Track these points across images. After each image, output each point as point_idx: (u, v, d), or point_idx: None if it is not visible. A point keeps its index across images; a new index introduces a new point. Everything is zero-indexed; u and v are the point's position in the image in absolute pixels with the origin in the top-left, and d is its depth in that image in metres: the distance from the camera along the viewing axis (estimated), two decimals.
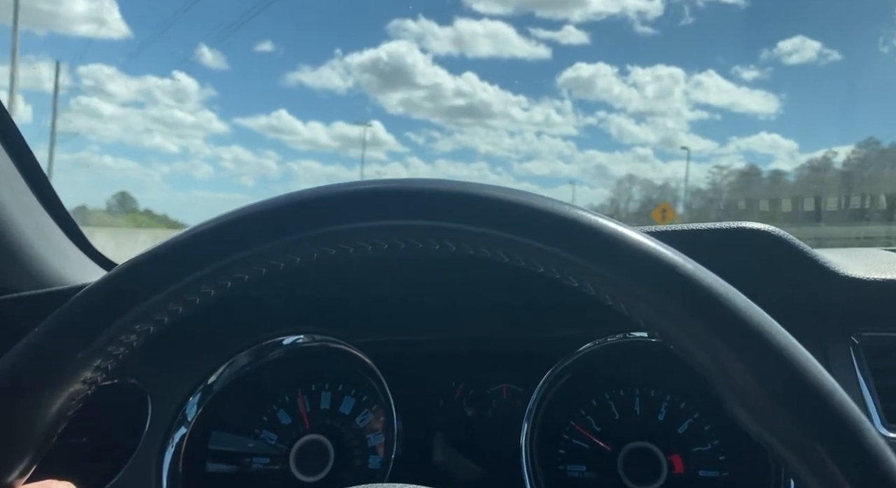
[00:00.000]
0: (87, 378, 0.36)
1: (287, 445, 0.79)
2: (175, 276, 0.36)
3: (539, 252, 0.36)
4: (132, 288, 0.36)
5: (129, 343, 0.37)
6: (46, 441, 0.37)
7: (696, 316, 0.34)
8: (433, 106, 48.13)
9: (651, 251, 0.35)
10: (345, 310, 0.78)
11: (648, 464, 0.73)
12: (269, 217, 0.38)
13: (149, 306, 0.36)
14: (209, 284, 0.36)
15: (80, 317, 0.36)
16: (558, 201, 0.37)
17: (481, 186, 0.37)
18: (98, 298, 0.36)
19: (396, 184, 0.38)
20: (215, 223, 0.38)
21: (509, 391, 0.79)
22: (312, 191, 0.39)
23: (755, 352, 0.33)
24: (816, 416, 0.32)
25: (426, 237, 0.37)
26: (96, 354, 0.36)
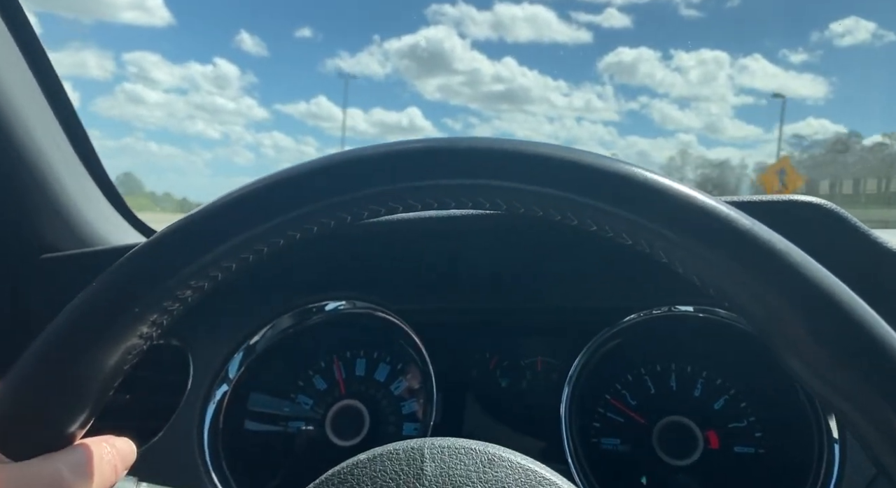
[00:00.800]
0: (143, 332, 0.37)
1: (323, 410, 0.80)
2: (231, 233, 0.36)
3: (605, 214, 0.36)
4: (189, 243, 0.36)
5: (184, 298, 0.37)
6: (104, 394, 0.38)
7: (753, 269, 0.33)
8: (471, 92, 47.83)
9: (707, 206, 0.34)
10: (386, 277, 0.79)
11: (684, 439, 0.73)
12: (331, 173, 0.38)
13: (204, 262, 0.36)
14: (263, 242, 0.37)
15: (138, 272, 0.36)
16: (623, 162, 0.36)
17: (556, 147, 0.37)
18: (155, 253, 0.37)
19: (466, 144, 0.38)
20: (273, 179, 0.38)
21: (544, 363, 0.79)
22: (371, 148, 0.39)
23: (814, 307, 0.32)
24: (880, 371, 0.31)
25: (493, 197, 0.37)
26: (152, 308, 0.36)
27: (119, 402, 0.78)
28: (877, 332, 0.32)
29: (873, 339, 0.32)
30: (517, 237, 0.71)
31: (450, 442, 0.38)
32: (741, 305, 0.35)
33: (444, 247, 0.74)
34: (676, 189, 0.35)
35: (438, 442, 0.38)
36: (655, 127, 55.30)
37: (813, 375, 0.33)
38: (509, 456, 0.38)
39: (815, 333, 0.32)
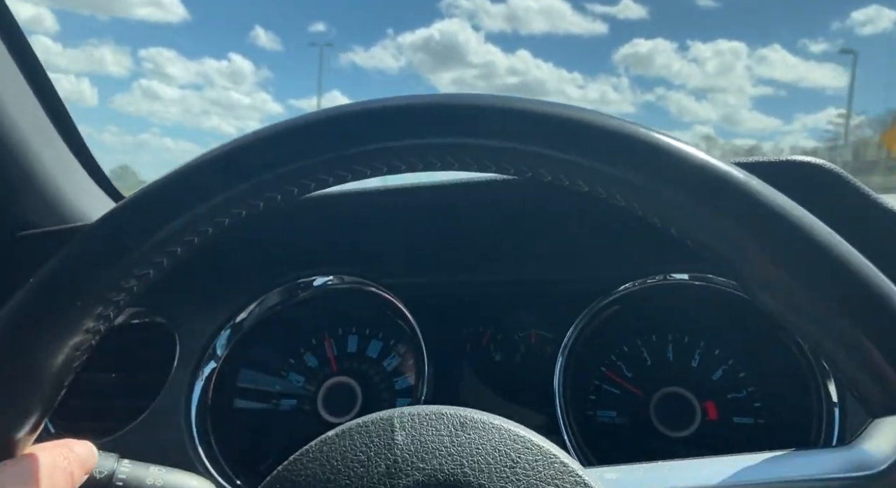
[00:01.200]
0: (89, 327, 0.34)
1: (315, 387, 0.79)
2: (168, 217, 0.34)
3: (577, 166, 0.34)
4: (125, 230, 0.34)
5: (129, 288, 0.34)
6: (53, 396, 0.35)
7: (715, 201, 0.32)
8: (486, 84, 47.51)
9: (680, 149, 0.33)
10: (375, 251, 0.77)
11: (681, 410, 0.72)
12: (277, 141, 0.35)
13: (145, 250, 0.34)
14: (206, 223, 0.34)
15: (75, 263, 0.34)
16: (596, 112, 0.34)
17: (512, 99, 0.35)
18: (91, 243, 0.34)
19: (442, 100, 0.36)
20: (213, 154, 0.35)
21: (537, 337, 0.78)
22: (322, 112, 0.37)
23: (774, 232, 0.32)
24: (845, 291, 0.31)
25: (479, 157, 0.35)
26: (96, 302, 0.34)
27: (104, 381, 0.76)
28: (838, 254, 0.31)
29: (838, 262, 0.31)
30: (508, 209, 0.69)
31: (420, 409, 0.36)
32: (707, 244, 0.33)
33: (433, 220, 0.72)
34: (642, 133, 0.34)
35: (409, 410, 0.36)
36: (672, 119, 54.97)
37: (783, 305, 0.32)
38: (481, 417, 0.36)
39: (781, 262, 0.32)
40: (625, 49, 58.77)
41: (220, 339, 0.74)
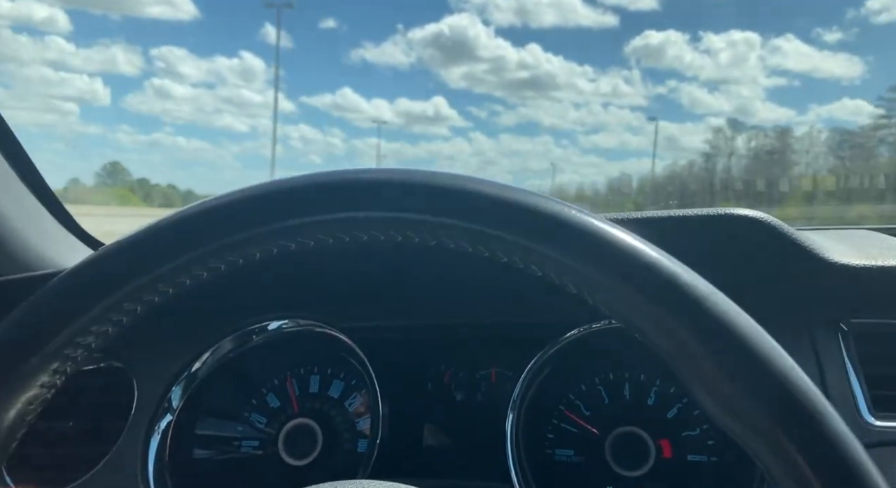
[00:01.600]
0: (44, 382, 0.35)
1: (276, 429, 0.79)
2: (127, 277, 0.35)
3: (499, 241, 0.35)
4: (85, 289, 0.35)
5: (86, 344, 0.35)
6: (5, 448, 0.36)
7: (658, 303, 0.33)
8: (496, 79, 46.99)
9: (611, 237, 0.34)
10: (330, 294, 0.77)
11: (636, 449, 0.73)
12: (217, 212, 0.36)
13: (103, 308, 0.35)
14: (166, 284, 0.35)
15: (33, 320, 0.35)
16: (525, 191, 0.36)
17: (429, 174, 0.36)
18: (50, 301, 0.35)
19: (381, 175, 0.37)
20: (168, 221, 0.36)
21: (498, 375, 0.79)
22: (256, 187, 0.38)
23: (717, 340, 0.32)
24: (779, 404, 0.31)
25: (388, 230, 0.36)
26: (52, 358, 0.35)
27: (61, 429, 0.76)
28: (781, 371, 0.32)
29: (777, 378, 0.32)
30: (460, 255, 0.70)
31: (356, 484, 0.37)
32: (650, 338, 0.35)
33: (385, 263, 0.72)
34: (574, 218, 0.35)
35: (343, 484, 0.37)
36: (684, 111, 54.31)
37: (719, 408, 0.33)
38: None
39: (721, 370, 0.32)
40: (636, 41, 58.33)
41: (175, 392, 0.74)
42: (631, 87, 56.81)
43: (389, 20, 55.65)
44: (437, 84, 38.96)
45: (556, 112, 56.34)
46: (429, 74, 58.24)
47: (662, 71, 58.81)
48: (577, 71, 53.46)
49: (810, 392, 0.32)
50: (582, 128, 48.20)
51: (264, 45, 35.98)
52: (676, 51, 59.38)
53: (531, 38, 61.96)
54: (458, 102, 50.45)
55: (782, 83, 53.79)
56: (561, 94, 60.21)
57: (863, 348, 0.64)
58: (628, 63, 58.73)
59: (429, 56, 58.30)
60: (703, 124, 46.89)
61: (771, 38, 53.46)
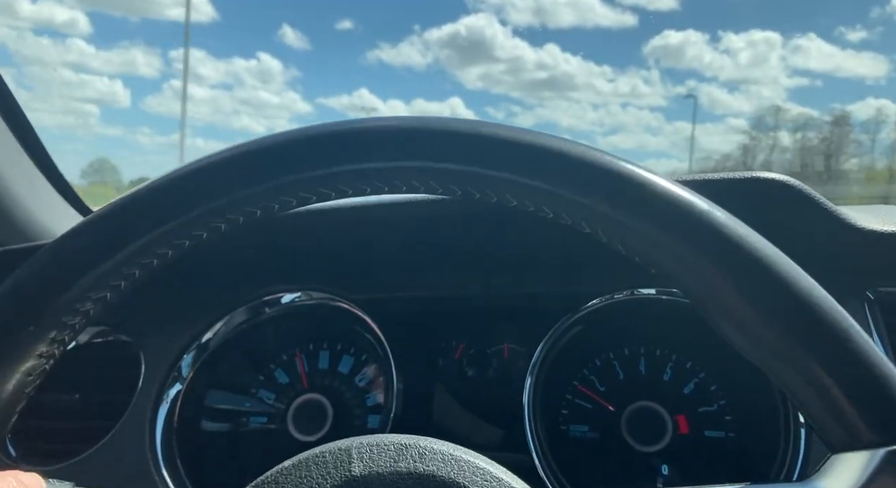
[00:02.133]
0: (42, 352, 0.34)
1: (285, 404, 0.78)
2: (124, 240, 0.33)
3: (544, 192, 0.34)
4: (80, 253, 0.33)
5: (85, 311, 0.34)
6: (5, 420, 0.35)
7: (680, 235, 0.33)
8: (513, 80, 46.51)
9: (625, 169, 0.33)
10: (343, 266, 0.76)
11: (653, 424, 0.72)
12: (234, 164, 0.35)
13: (100, 272, 0.33)
14: (164, 245, 0.34)
15: (28, 287, 0.33)
16: (567, 140, 0.34)
17: (471, 122, 0.35)
18: (45, 267, 0.34)
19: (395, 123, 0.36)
20: (162, 180, 0.35)
21: (510, 351, 0.77)
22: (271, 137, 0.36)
23: (740, 265, 0.32)
24: (804, 324, 0.31)
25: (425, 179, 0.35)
26: (50, 326, 0.33)
27: (67, 402, 0.75)
28: (799, 287, 0.32)
29: (796, 295, 0.32)
30: (475, 224, 0.68)
31: (379, 439, 0.36)
32: (670, 273, 0.34)
33: (401, 235, 0.71)
34: (607, 161, 0.34)
35: (368, 440, 0.36)
36: (704, 112, 53.78)
37: (743, 335, 0.33)
38: (442, 448, 0.36)
39: (742, 294, 0.32)
40: (655, 41, 57.62)
41: (185, 360, 0.73)
42: (650, 87, 56.02)
43: (406, 21, 55.30)
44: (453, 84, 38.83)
45: (575, 112, 55.73)
46: (445, 75, 57.92)
47: (682, 71, 57.99)
48: (596, 71, 52.78)
49: (835, 311, 0.32)
50: (601, 128, 47.62)
51: (281, 46, 35.99)
52: (696, 51, 58.50)
53: (549, 38, 61.38)
54: (475, 103, 50.09)
55: (804, 83, 52.91)
56: (579, 94, 59.62)
57: (889, 316, 0.63)
58: (647, 63, 57.92)
59: (445, 56, 57.92)
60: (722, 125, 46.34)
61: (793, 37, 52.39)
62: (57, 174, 0.90)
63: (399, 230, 0.71)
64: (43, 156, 0.89)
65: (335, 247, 0.74)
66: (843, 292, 0.65)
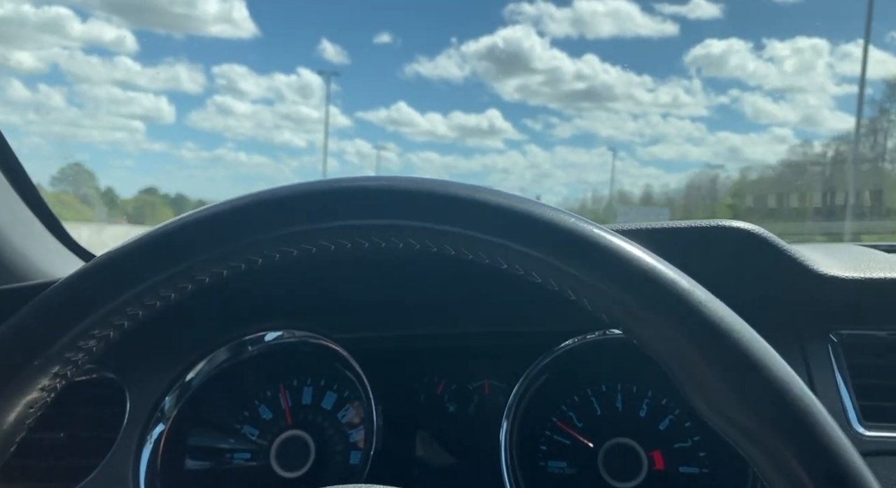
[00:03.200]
0: (45, 385, 0.35)
1: (268, 440, 0.79)
2: (131, 281, 0.35)
3: (501, 248, 0.36)
4: (89, 292, 0.35)
5: (88, 348, 0.36)
6: (4, 451, 0.36)
7: (655, 310, 0.34)
8: (551, 91, 45.80)
9: (611, 245, 0.35)
10: (325, 305, 0.78)
11: (629, 461, 0.73)
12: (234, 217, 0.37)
13: (107, 311, 0.35)
14: (167, 288, 0.36)
15: (36, 323, 0.35)
16: (527, 199, 0.36)
17: (436, 182, 0.37)
18: (53, 304, 0.36)
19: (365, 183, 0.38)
20: (172, 225, 0.37)
21: (492, 387, 0.79)
22: (270, 191, 0.39)
23: (714, 346, 0.33)
24: (774, 408, 0.32)
25: (388, 236, 0.37)
26: (54, 361, 0.35)
27: (52, 440, 0.76)
28: (773, 373, 0.33)
29: (772, 382, 0.33)
30: (451, 264, 0.70)
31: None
32: (647, 343, 0.35)
33: (382, 274, 0.73)
34: (584, 228, 0.35)
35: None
36: (747, 121, 52.65)
37: (715, 413, 0.34)
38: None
39: (716, 373, 0.33)
40: (696, 50, 56.42)
41: (168, 400, 0.74)
42: (692, 97, 54.63)
43: (443, 34, 55.10)
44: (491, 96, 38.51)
45: (614, 123, 54.64)
46: (483, 87, 57.47)
47: (724, 80, 56.30)
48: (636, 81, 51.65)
49: (805, 396, 0.32)
50: (640, 139, 46.54)
51: (321, 61, 36.04)
52: (739, 59, 56.96)
53: (588, 48, 60.48)
54: (513, 115, 49.39)
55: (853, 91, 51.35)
56: (618, 104, 58.61)
57: (852, 358, 0.65)
58: (688, 72, 56.59)
59: (483, 69, 57.60)
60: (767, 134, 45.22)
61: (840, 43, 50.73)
62: (47, 212, 0.92)
63: (378, 270, 0.73)
64: (33, 194, 0.90)
65: (316, 287, 0.76)
66: (805, 335, 0.67)
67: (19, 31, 29.01)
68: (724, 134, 46.43)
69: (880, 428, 0.62)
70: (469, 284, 0.75)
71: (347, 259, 0.72)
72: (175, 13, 34.52)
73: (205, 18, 34.99)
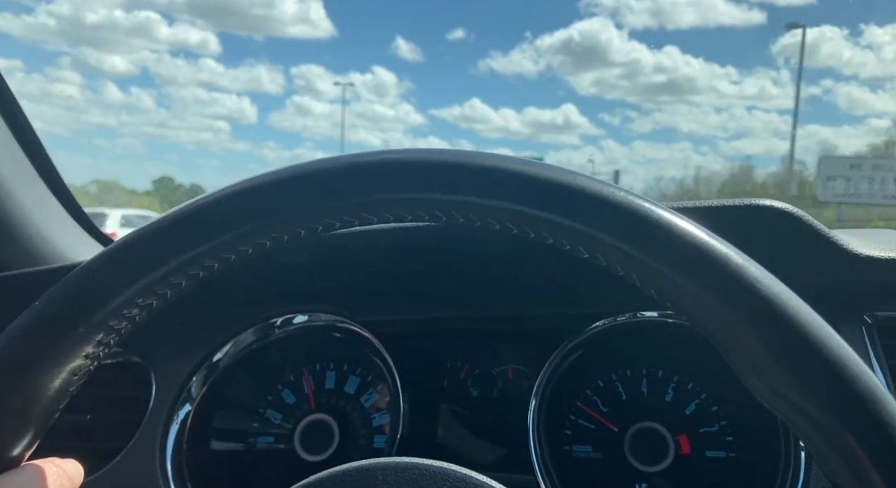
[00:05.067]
0: (88, 353, 0.36)
1: (292, 424, 0.79)
2: (177, 250, 0.35)
3: (564, 229, 0.35)
4: (133, 261, 0.35)
5: (131, 317, 0.36)
6: (48, 417, 0.37)
7: (709, 288, 0.33)
8: (629, 84, 44.02)
9: (667, 223, 0.34)
10: (351, 288, 0.77)
11: (655, 445, 0.73)
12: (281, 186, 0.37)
13: (151, 280, 0.35)
14: (212, 258, 0.36)
15: (81, 290, 0.35)
16: (583, 175, 0.36)
17: (493, 157, 0.37)
18: (99, 272, 0.36)
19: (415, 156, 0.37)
20: (218, 195, 0.37)
21: (515, 372, 0.79)
22: (317, 162, 0.38)
23: (769, 323, 0.32)
24: (829, 385, 0.31)
25: (436, 209, 0.36)
26: (97, 328, 0.35)
27: (79, 422, 0.76)
28: (830, 352, 0.32)
29: (826, 359, 0.32)
30: (480, 246, 0.70)
31: (400, 462, 0.37)
32: (699, 321, 0.35)
33: (408, 257, 0.73)
34: (634, 203, 0.35)
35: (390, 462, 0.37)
36: (841, 113, 49.18)
37: (771, 392, 0.33)
38: (458, 473, 0.37)
39: (772, 352, 0.32)
40: (785, 39, 52.63)
41: (195, 381, 0.74)
42: (780, 89, 51.18)
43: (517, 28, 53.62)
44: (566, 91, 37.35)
45: (695, 117, 51.83)
46: (558, 81, 55.74)
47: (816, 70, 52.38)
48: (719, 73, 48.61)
49: (865, 375, 0.32)
50: (724, 133, 44.12)
51: (395, 59, 35.78)
52: (832, 47, 53.03)
53: (668, 39, 57.94)
54: (589, 109, 47.55)
55: None
56: (700, 97, 55.74)
57: (887, 340, 0.64)
58: (776, 63, 53.25)
59: (558, 63, 55.79)
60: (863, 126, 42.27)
61: None
62: (69, 197, 0.92)
63: (405, 253, 0.72)
64: (55, 176, 0.90)
65: (342, 270, 0.75)
66: (840, 316, 0.67)
67: (112, 36, 30.26)
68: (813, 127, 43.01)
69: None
70: (493, 268, 0.74)
71: (372, 242, 0.72)
72: (255, 15, 34.81)
73: (283, 19, 35.08)
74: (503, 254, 0.70)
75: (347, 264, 0.74)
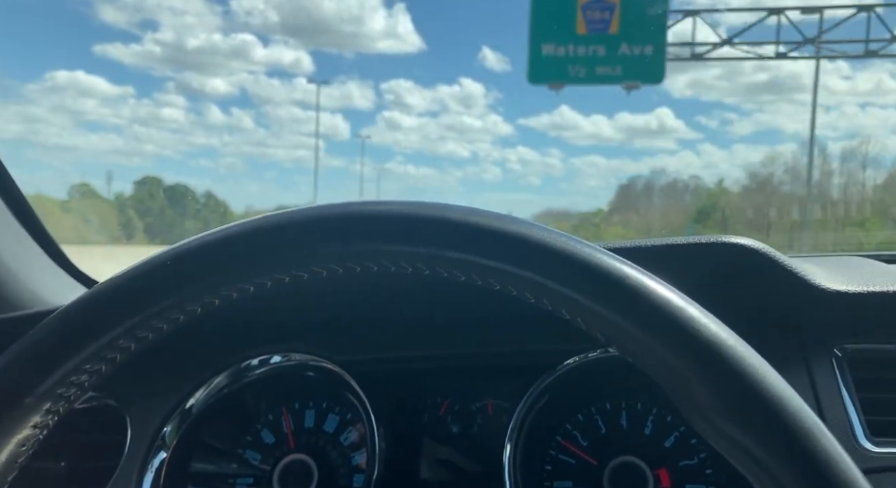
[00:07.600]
0: (37, 423, 0.35)
1: (271, 465, 0.78)
2: (121, 316, 0.35)
3: (494, 271, 0.36)
4: (79, 328, 0.35)
5: (80, 383, 0.35)
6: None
7: (646, 328, 0.34)
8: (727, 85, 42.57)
9: (604, 265, 0.34)
10: (325, 327, 0.77)
11: (635, 479, 0.72)
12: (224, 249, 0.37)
13: (97, 347, 0.35)
14: (159, 320, 0.36)
15: (26, 361, 0.35)
16: (521, 221, 0.36)
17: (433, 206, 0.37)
18: (42, 341, 0.35)
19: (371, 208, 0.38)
20: (162, 258, 0.37)
21: (495, 406, 0.78)
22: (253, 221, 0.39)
23: (707, 365, 0.33)
24: (769, 426, 0.32)
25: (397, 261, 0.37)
26: (45, 398, 0.35)
27: (53, 470, 0.75)
28: (769, 390, 0.33)
29: (765, 398, 0.32)
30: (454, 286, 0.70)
31: None
32: (643, 363, 0.35)
33: (380, 296, 0.73)
34: (575, 248, 0.35)
35: None
36: None
37: (713, 431, 0.34)
38: None
39: (713, 392, 0.33)
40: None
41: (169, 428, 0.73)
42: None
43: None
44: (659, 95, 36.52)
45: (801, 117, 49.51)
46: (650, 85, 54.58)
47: None
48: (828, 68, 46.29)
49: (802, 411, 0.32)
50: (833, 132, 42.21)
51: (482, 69, 35.69)
52: None
53: None
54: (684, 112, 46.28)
55: None
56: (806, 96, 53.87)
57: (857, 373, 0.64)
58: None
59: None
60: None
61: None
62: (47, 238, 0.92)
63: (377, 291, 0.72)
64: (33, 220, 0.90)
65: (315, 309, 0.75)
66: (810, 350, 0.67)
67: (212, 59, 31.06)
68: None
69: (888, 443, 0.62)
70: (468, 305, 0.74)
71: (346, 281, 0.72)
72: (345, 32, 35.06)
73: (372, 35, 35.27)
74: (472, 291, 0.71)
75: (320, 304, 0.74)
